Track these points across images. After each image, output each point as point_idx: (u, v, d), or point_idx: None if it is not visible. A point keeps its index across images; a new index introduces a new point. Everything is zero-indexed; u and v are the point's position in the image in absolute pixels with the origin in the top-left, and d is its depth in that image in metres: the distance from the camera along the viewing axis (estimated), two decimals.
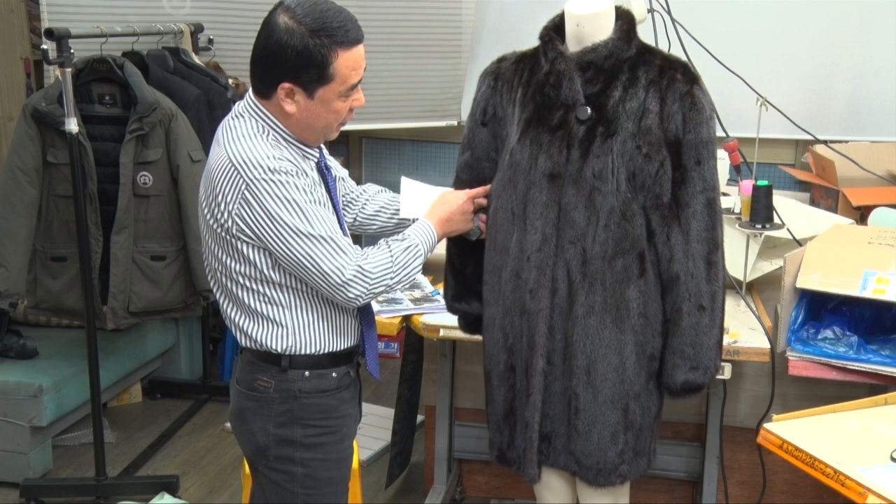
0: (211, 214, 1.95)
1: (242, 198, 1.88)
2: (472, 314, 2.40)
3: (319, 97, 1.91)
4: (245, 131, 1.93)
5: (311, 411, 2.04)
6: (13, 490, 3.40)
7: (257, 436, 2.05)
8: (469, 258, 2.34)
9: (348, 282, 1.94)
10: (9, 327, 3.74)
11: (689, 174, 2.07)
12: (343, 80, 1.91)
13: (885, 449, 1.90)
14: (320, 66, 1.88)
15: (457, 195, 2.22)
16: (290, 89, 1.90)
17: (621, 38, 2.10)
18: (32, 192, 3.41)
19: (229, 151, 1.91)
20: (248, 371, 2.06)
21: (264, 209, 1.88)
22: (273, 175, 1.88)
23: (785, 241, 2.88)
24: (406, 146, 4.78)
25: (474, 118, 2.29)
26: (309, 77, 1.89)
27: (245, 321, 2.02)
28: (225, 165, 1.90)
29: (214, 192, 1.92)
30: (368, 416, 3.92)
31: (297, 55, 1.86)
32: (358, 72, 1.93)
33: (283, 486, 2.07)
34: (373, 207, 2.28)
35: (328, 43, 1.86)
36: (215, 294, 2.08)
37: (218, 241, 1.97)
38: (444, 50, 4.49)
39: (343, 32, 1.88)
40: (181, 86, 3.66)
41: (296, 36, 1.85)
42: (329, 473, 2.09)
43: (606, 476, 2.19)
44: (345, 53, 1.89)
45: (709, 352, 2.13)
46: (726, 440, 2.96)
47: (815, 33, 3.90)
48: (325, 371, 2.05)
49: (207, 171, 1.97)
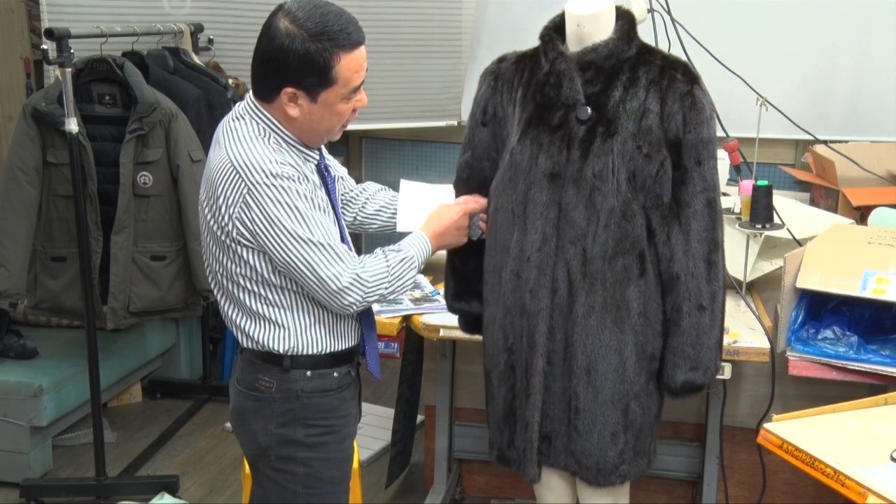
0: (212, 216, 1.94)
1: (243, 201, 1.88)
2: (472, 314, 2.40)
3: (322, 101, 1.91)
4: (246, 133, 1.93)
5: (312, 411, 2.04)
6: (13, 490, 3.40)
7: (258, 436, 2.05)
8: (469, 258, 2.34)
9: (344, 289, 1.94)
10: (9, 327, 3.74)
11: (689, 174, 2.07)
12: (346, 83, 1.91)
13: (885, 449, 1.90)
14: (322, 70, 1.87)
15: (452, 210, 2.21)
16: (293, 94, 1.89)
17: (621, 38, 2.10)
18: (32, 192, 3.41)
19: (231, 154, 1.90)
20: (248, 371, 2.06)
21: (265, 213, 1.88)
22: (275, 180, 1.87)
23: (785, 241, 2.88)
24: (406, 146, 4.78)
25: (474, 118, 2.29)
26: (311, 82, 1.88)
27: (246, 322, 2.02)
28: (226, 168, 1.90)
29: (215, 194, 1.92)
30: (368, 416, 3.93)
31: (298, 60, 1.86)
32: (360, 73, 1.93)
33: (285, 485, 2.07)
34: (373, 207, 2.28)
35: (330, 46, 1.86)
36: (216, 295, 2.08)
37: (218, 244, 1.97)
38: (444, 50, 4.49)
39: (345, 35, 1.88)
40: (181, 86, 3.66)
41: (297, 40, 1.85)
42: (331, 473, 2.09)
43: (606, 476, 2.19)
44: (347, 56, 1.88)
45: (709, 352, 2.13)
46: (726, 440, 2.96)
47: (815, 33, 3.90)
48: (327, 371, 2.05)
49: (208, 172, 1.96)
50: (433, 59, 4.48)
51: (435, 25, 4.45)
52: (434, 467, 3.19)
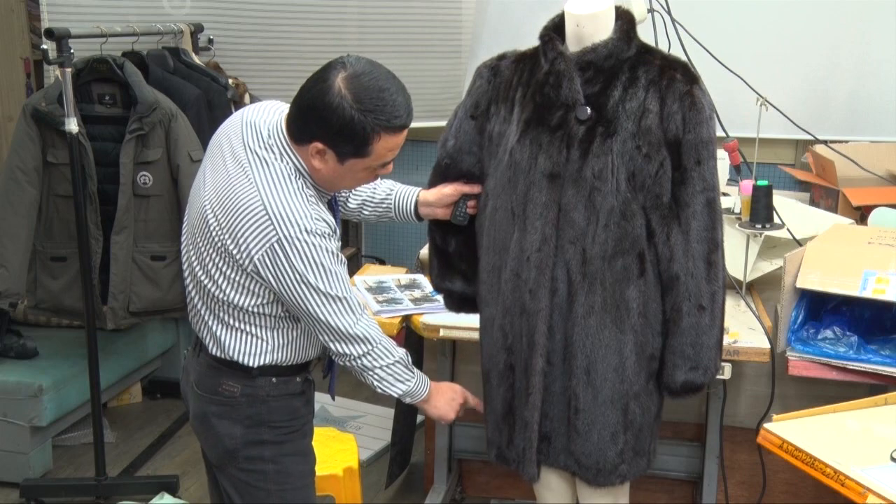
0: (221, 241, 1.91)
1: (271, 248, 1.86)
2: (456, 292, 2.41)
3: (349, 166, 1.91)
4: (281, 177, 1.89)
5: (278, 413, 2.05)
6: (13, 490, 3.40)
7: (224, 439, 2.05)
8: (451, 237, 2.35)
9: (353, 336, 1.96)
10: (9, 327, 3.74)
11: (688, 174, 2.07)
12: (377, 158, 1.91)
13: (885, 449, 1.90)
14: (360, 143, 1.86)
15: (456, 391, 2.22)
16: (323, 150, 1.88)
17: (621, 38, 2.10)
18: (32, 192, 3.41)
19: (265, 198, 1.87)
20: (210, 375, 2.05)
21: (292, 266, 1.87)
22: (308, 237, 1.86)
23: (785, 241, 2.87)
24: (406, 146, 4.72)
25: (465, 109, 2.29)
26: (345, 149, 1.87)
27: (223, 332, 2.01)
28: (257, 209, 1.86)
29: (235, 228, 1.88)
30: (368, 416, 3.93)
31: (341, 125, 1.83)
32: (394, 152, 1.93)
33: (256, 484, 2.07)
34: (355, 201, 2.30)
35: (374, 124, 1.84)
36: (188, 290, 2.07)
37: (218, 262, 1.94)
38: (444, 50, 4.49)
39: (393, 118, 1.86)
40: (181, 86, 3.66)
41: (346, 107, 1.82)
42: (299, 467, 2.11)
43: (606, 476, 2.20)
44: (388, 137, 1.88)
45: (709, 352, 2.13)
46: (726, 440, 2.96)
47: (815, 33, 3.90)
48: (291, 378, 2.07)
49: (228, 196, 1.90)
50: (433, 59, 4.48)
51: (435, 25, 4.45)
52: (434, 467, 3.19)
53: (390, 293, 2.92)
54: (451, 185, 2.28)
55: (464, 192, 2.28)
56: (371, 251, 4.94)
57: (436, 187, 2.30)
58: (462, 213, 2.28)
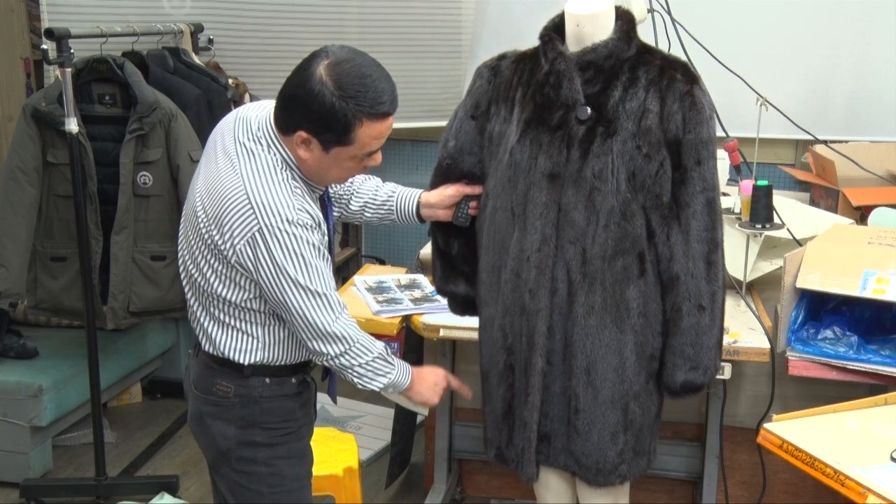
0: (208, 232, 1.92)
1: (252, 237, 1.86)
2: (459, 295, 2.41)
3: (334, 154, 1.90)
4: (266, 167, 1.89)
5: (272, 415, 2.04)
6: (13, 490, 3.40)
7: (218, 440, 2.05)
8: (454, 239, 2.35)
9: (329, 335, 1.94)
10: (9, 327, 3.74)
11: (689, 174, 2.07)
12: (362, 147, 1.90)
13: (885, 449, 1.90)
14: (343, 130, 1.85)
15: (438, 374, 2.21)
16: (307, 139, 1.87)
17: (621, 38, 2.10)
18: (32, 192, 3.41)
19: (248, 187, 1.87)
20: (206, 375, 2.05)
21: (272, 256, 1.86)
22: (289, 227, 1.86)
23: (785, 241, 2.87)
24: (406, 146, 4.77)
25: (465, 109, 2.29)
26: (328, 136, 1.86)
27: (214, 327, 2.02)
28: (240, 199, 1.87)
29: (220, 218, 1.89)
30: (368, 416, 3.93)
31: (322, 112, 1.83)
32: (380, 141, 1.92)
33: (249, 486, 2.07)
34: (357, 203, 2.30)
35: (356, 111, 1.83)
36: (185, 290, 2.07)
37: (206, 255, 1.94)
38: (444, 50, 4.49)
39: (376, 104, 1.85)
40: (181, 86, 3.66)
41: (327, 94, 1.82)
42: (293, 470, 2.10)
43: (606, 476, 2.20)
44: (371, 124, 1.87)
45: (709, 352, 2.13)
46: (726, 440, 2.96)
47: (815, 33, 3.90)
48: (285, 378, 2.06)
49: (215, 188, 1.91)
50: (433, 59, 4.47)
51: (435, 25, 4.45)
52: (434, 467, 3.19)
53: (390, 293, 2.92)
54: (453, 186, 2.28)
55: (465, 194, 2.28)
56: (371, 251, 4.94)
57: (437, 189, 2.30)
58: (464, 215, 2.28)
